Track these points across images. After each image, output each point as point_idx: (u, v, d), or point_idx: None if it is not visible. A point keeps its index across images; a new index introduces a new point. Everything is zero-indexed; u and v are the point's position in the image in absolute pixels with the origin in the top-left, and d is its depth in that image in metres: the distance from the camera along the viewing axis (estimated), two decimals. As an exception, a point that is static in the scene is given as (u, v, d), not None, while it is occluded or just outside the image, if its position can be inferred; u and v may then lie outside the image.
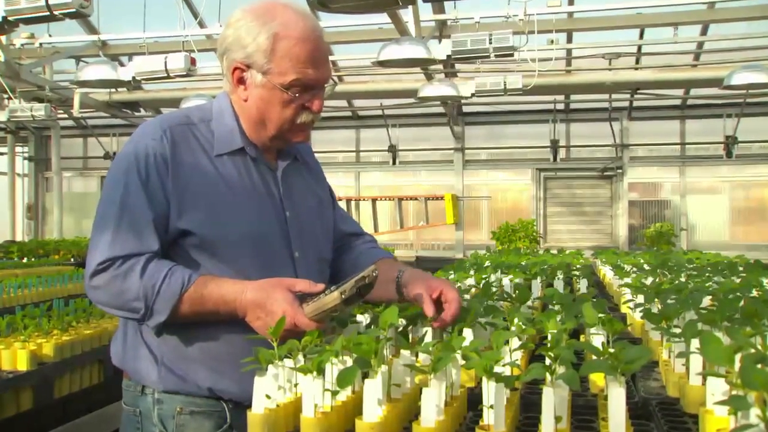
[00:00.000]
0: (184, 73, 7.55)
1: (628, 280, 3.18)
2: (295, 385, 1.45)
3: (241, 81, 1.76)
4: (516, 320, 1.74)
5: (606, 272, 4.21)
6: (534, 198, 12.78)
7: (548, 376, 1.27)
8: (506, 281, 2.87)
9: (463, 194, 12.96)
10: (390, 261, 1.99)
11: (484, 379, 1.23)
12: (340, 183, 13.28)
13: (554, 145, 12.44)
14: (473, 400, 1.43)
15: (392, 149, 13.13)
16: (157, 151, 1.69)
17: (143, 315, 1.63)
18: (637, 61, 10.74)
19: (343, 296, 1.55)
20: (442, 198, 12.66)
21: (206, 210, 1.69)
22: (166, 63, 7.50)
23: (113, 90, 10.95)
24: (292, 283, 1.63)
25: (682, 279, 3.18)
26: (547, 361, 1.34)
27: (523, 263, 4.38)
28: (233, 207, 1.72)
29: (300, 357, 1.44)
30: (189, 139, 1.74)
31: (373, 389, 1.28)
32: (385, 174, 13.66)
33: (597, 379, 1.64)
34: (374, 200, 13.22)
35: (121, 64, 8.74)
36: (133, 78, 7.84)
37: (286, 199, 1.83)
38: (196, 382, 1.70)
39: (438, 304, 1.72)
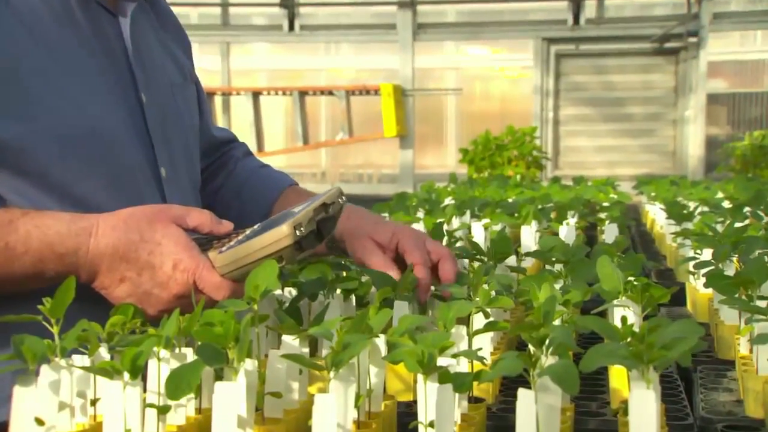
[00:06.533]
0: None
1: (688, 224, 3.25)
2: (93, 403, 1.46)
3: None
4: (485, 286, 1.77)
5: (656, 215, 4.28)
6: (539, 91, 12.92)
7: (531, 374, 1.30)
8: (478, 228, 2.91)
9: (413, 85, 13.01)
10: (300, 191, 2.08)
11: (420, 378, 1.26)
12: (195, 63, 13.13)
13: (574, -2, 12.62)
14: (408, 421, 1.47)
15: (288, 3, 13.08)
16: None
17: None
18: None
19: (298, 232, 1.54)
20: (376, 92, 12.71)
21: (4, 89, 1.62)
22: None
23: None
24: (182, 213, 1.61)
25: (787, 223, 3.27)
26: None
27: (510, 201, 4.43)
28: (55, 82, 1.67)
29: (102, 350, 1.45)
30: None
31: (229, 401, 1.29)
32: (276, 49, 13.64)
33: (622, 385, 1.68)
34: (256, 95, 13.22)
35: None
36: None
37: (140, 70, 1.82)
38: None
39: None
